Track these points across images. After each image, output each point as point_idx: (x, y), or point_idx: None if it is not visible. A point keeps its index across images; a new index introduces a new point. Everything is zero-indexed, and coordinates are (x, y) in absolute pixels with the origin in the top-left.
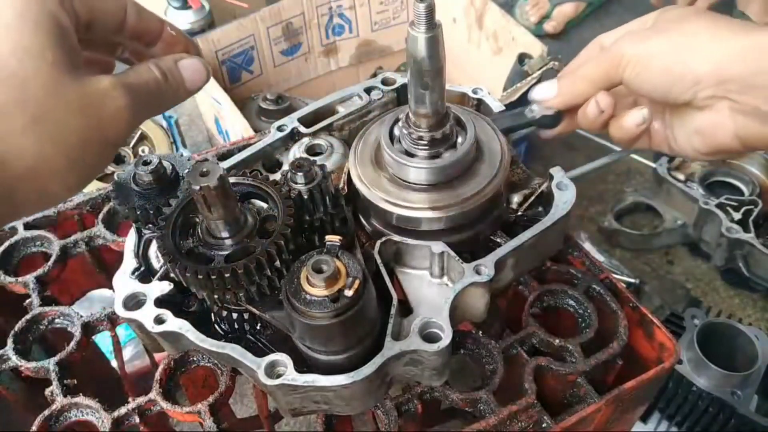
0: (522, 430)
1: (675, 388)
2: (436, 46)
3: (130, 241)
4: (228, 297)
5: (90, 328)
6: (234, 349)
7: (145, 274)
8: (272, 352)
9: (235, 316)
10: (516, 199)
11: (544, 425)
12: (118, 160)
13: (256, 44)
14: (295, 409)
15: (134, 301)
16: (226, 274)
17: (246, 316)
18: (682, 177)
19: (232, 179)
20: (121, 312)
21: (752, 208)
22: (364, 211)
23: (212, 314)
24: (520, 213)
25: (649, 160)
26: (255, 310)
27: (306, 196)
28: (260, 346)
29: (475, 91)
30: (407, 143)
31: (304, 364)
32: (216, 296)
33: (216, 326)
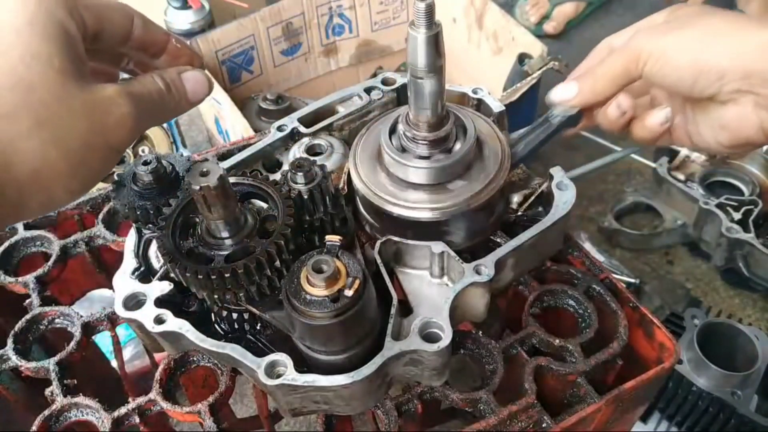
0: (522, 430)
1: (675, 388)
2: (436, 46)
3: (130, 241)
4: (228, 297)
5: (90, 328)
6: (234, 349)
7: (145, 274)
8: (272, 352)
9: (235, 316)
10: (516, 199)
11: (544, 425)
12: None
13: (256, 44)
14: (295, 409)
15: (134, 301)
16: (226, 274)
17: (246, 316)
18: (682, 177)
19: (232, 179)
20: (121, 312)
21: (752, 208)
22: (364, 211)
23: (212, 314)
24: (520, 213)
25: (649, 160)
26: (255, 310)
27: (306, 196)
28: (260, 346)
29: (475, 91)
30: (407, 143)
31: (304, 364)
32: (216, 296)
33: (216, 326)
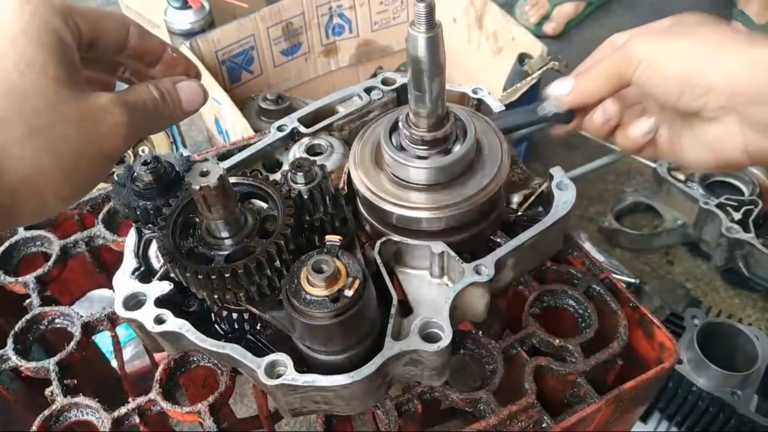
0: (522, 430)
1: (675, 388)
2: (436, 46)
3: (130, 241)
4: (228, 297)
5: (90, 328)
6: (234, 349)
7: (145, 274)
8: (272, 352)
9: (235, 316)
10: (516, 199)
11: (544, 425)
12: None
13: (256, 44)
14: (295, 409)
15: (134, 301)
16: (226, 274)
17: (246, 316)
18: (682, 177)
19: (232, 179)
20: (121, 312)
21: (752, 208)
22: (364, 211)
23: (212, 314)
24: (520, 213)
25: (649, 160)
26: (255, 310)
27: (306, 196)
28: (260, 346)
29: (475, 91)
30: (407, 143)
31: (304, 364)
32: (216, 296)
33: (216, 326)
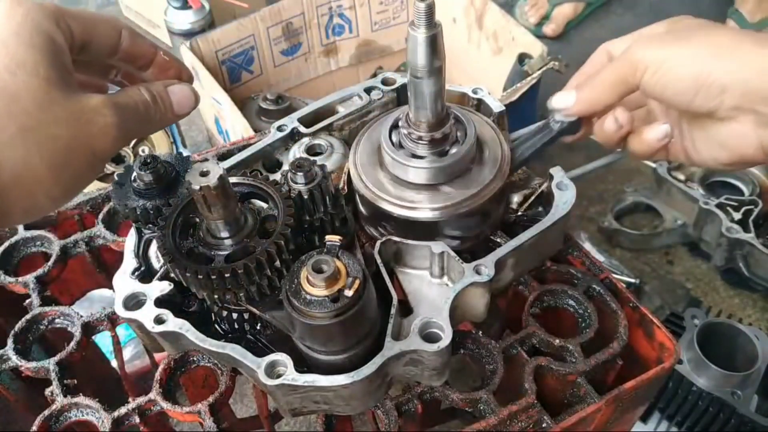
0: (522, 430)
1: (675, 388)
2: (436, 46)
3: (130, 241)
4: (228, 297)
5: (90, 328)
6: (234, 349)
7: (145, 274)
8: (272, 352)
9: (235, 316)
10: (516, 199)
11: (544, 425)
12: (118, 160)
13: (256, 44)
14: (295, 409)
15: (134, 301)
16: (226, 274)
17: (246, 316)
18: (682, 177)
19: (232, 179)
20: (121, 312)
21: (752, 208)
22: (364, 211)
23: (212, 314)
24: (520, 213)
25: (649, 160)
26: (255, 310)
27: (306, 196)
28: (260, 346)
29: (475, 91)
30: (407, 143)
31: (304, 364)
32: (216, 296)
33: (216, 326)
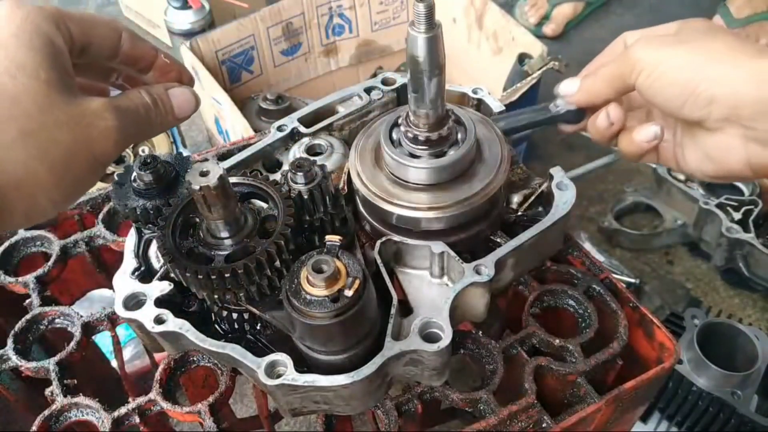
0: (522, 430)
1: (675, 388)
2: (436, 46)
3: (130, 241)
4: (228, 297)
5: (90, 328)
6: (234, 349)
7: (145, 274)
8: (272, 352)
9: (235, 316)
10: (516, 199)
11: (544, 425)
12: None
13: (256, 44)
14: (295, 409)
15: (134, 301)
16: (226, 274)
17: (246, 316)
18: (682, 177)
19: (232, 179)
20: (121, 312)
21: (752, 208)
22: (364, 211)
23: (212, 314)
24: (520, 213)
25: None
26: (255, 310)
27: (306, 196)
28: (260, 346)
29: (475, 91)
30: (407, 143)
31: (304, 364)
32: (216, 296)
33: (216, 326)
